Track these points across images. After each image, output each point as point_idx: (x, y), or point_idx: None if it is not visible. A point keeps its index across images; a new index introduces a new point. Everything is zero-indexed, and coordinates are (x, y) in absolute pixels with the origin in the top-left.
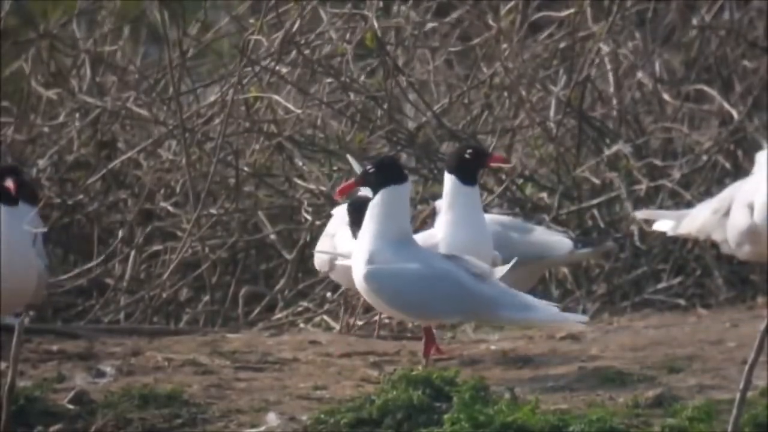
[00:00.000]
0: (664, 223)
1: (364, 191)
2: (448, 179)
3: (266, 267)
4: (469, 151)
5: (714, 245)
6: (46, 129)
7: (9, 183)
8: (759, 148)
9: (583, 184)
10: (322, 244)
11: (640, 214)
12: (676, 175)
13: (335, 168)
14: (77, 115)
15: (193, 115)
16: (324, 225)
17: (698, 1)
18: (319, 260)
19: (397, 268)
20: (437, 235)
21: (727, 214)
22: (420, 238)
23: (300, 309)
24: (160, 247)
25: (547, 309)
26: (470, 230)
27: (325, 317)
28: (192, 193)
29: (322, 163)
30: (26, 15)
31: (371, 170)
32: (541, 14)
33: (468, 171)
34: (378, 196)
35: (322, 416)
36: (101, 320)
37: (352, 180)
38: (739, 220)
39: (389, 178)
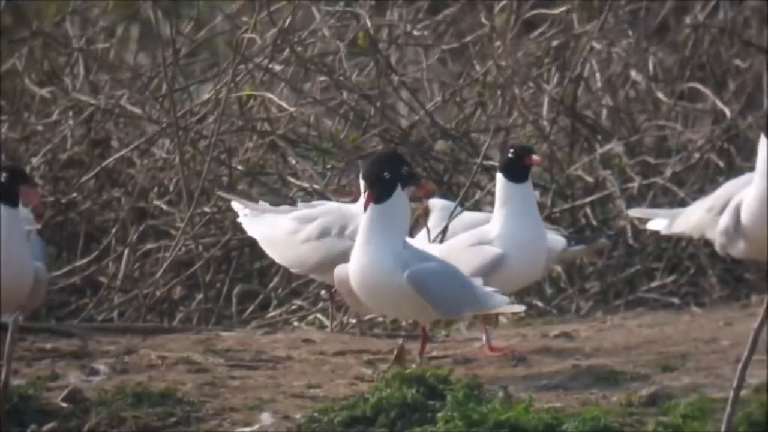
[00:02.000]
0: (658, 222)
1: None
2: (498, 178)
3: (260, 265)
4: (511, 149)
5: (708, 244)
6: (39, 127)
7: (29, 194)
8: (752, 146)
9: (576, 183)
10: (322, 248)
11: (634, 213)
12: (669, 173)
13: (328, 166)
14: (71, 113)
15: (186, 114)
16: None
17: (692, 0)
18: (328, 265)
19: (437, 267)
20: (492, 232)
21: (721, 212)
22: (473, 235)
23: (293, 307)
24: (154, 246)
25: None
26: (526, 226)
27: (319, 315)
28: (185, 191)
29: (316, 161)
30: (20, 14)
31: (386, 176)
32: (534, 12)
33: (514, 169)
34: (393, 201)
35: (316, 414)
36: (95, 318)
37: (368, 193)
38: (726, 221)
39: (402, 183)
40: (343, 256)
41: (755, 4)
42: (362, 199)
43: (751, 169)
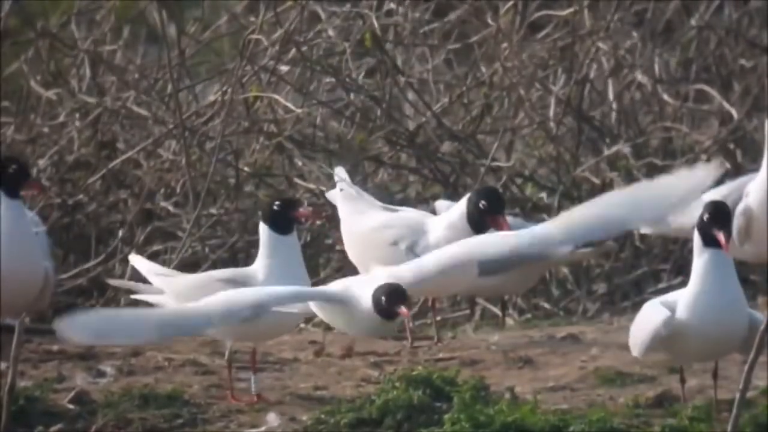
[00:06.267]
0: None
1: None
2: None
3: None
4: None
5: None
6: (46, 129)
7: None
8: (758, 147)
9: (583, 184)
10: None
11: None
12: None
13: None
14: (77, 115)
15: (192, 115)
16: (324, 224)
17: (697, 1)
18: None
19: None
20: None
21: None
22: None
23: None
24: (161, 247)
25: None
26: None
27: None
28: (192, 192)
29: (322, 163)
30: (26, 15)
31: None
32: (540, 14)
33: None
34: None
35: (323, 416)
36: None
37: None
38: (739, 219)
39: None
40: None
41: (758, 4)
42: (445, 215)
43: (758, 171)
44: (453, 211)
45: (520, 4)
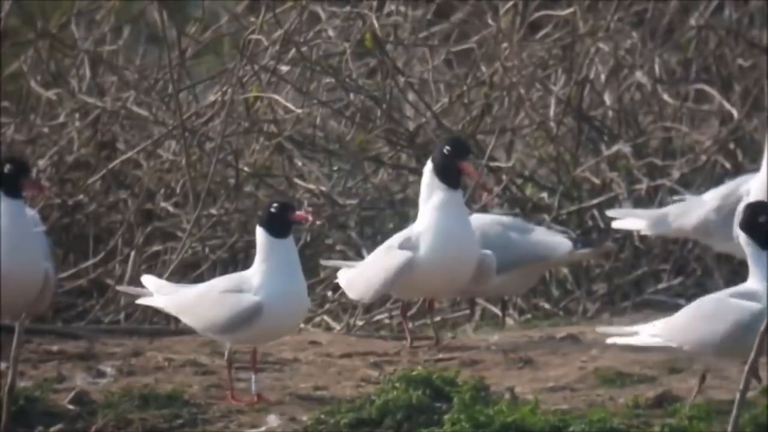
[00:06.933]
0: (634, 222)
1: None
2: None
3: None
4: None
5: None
6: (45, 129)
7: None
8: (758, 147)
9: (583, 184)
10: None
11: (611, 213)
12: (676, 174)
13: (335, 168)
14: (77, 115)
15: (192, 115)
16: (324, 225)
17: (696, 1)
18: None
19: None
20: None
21: (731, 212)
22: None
23: None
24: (160, 248)
25: None
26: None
27: (326, 317)
28: (192, 193)
29: (322, 163)
30: (26, 15)
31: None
32: (540, 14)
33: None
34: None
35: (323, 416)
36: (101, 320)
37: None
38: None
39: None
40: (404, 267)
41: (758, 4)
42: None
43: (757, 170)
44: (424, 175)
45: (520, 4)
